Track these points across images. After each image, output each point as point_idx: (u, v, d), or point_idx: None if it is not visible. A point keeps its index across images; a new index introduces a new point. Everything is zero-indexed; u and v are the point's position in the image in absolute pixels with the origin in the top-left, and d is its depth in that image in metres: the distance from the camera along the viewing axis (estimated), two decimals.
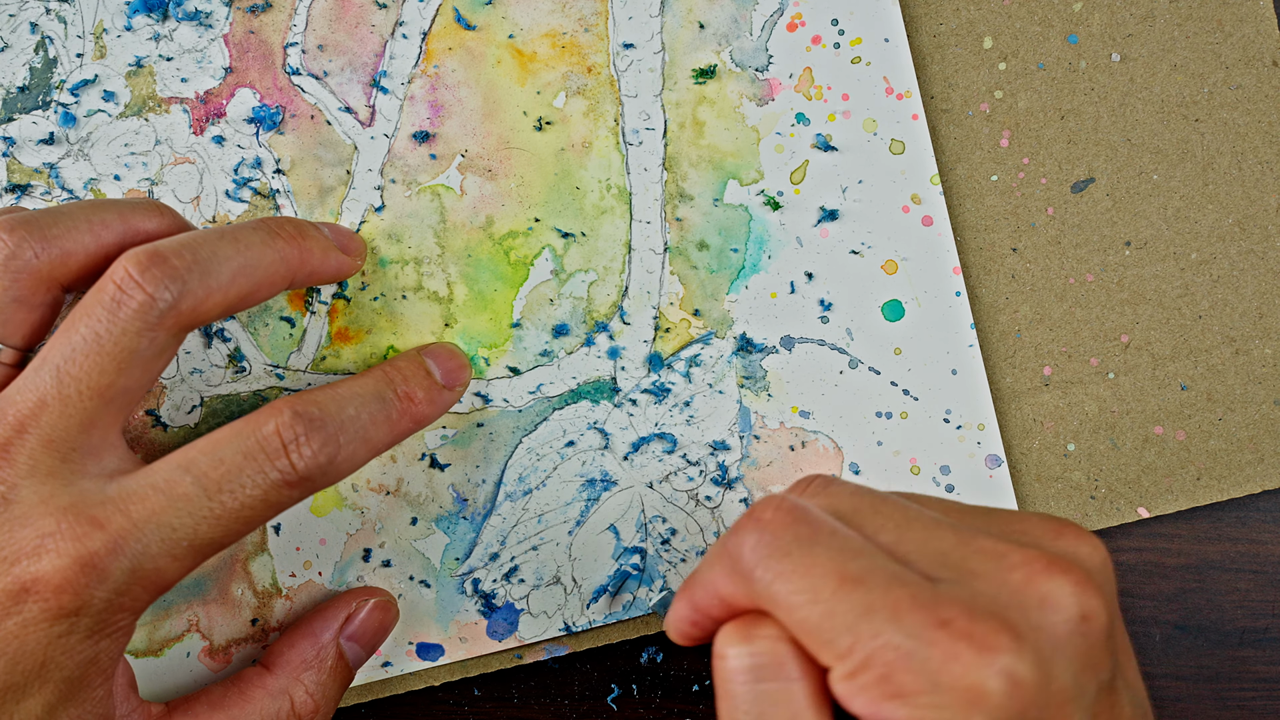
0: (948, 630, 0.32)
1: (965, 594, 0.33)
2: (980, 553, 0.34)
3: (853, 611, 0.33)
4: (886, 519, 0.36)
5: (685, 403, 0.50)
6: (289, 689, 0.46)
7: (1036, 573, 0.34)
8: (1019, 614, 0.33)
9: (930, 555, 0.35)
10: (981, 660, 0.31)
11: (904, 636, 0.32)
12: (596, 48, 0.50)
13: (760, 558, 0.35)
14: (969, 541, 0.35)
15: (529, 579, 0.50)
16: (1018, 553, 0.34)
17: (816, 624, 0.33)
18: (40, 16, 0.49)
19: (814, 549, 0.34)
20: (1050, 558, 0.34)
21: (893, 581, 0.33)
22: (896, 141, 0.50)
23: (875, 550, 0.34)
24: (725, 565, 0.36)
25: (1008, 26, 0.51)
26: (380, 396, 0.44)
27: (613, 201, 0.50)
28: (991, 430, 0.50)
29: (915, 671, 0.32)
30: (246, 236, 0.42)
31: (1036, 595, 0.33)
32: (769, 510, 0.36)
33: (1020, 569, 0.34)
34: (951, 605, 0.32)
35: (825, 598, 0.33)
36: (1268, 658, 0.51)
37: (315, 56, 0.50)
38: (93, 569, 0.38)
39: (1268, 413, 0.51)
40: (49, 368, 0.39)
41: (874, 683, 0.32)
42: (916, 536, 0.35)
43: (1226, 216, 0.51)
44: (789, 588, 0.34)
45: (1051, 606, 0.33)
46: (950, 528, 0.35)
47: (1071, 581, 0.33)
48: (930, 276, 0.50)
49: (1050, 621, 0.33)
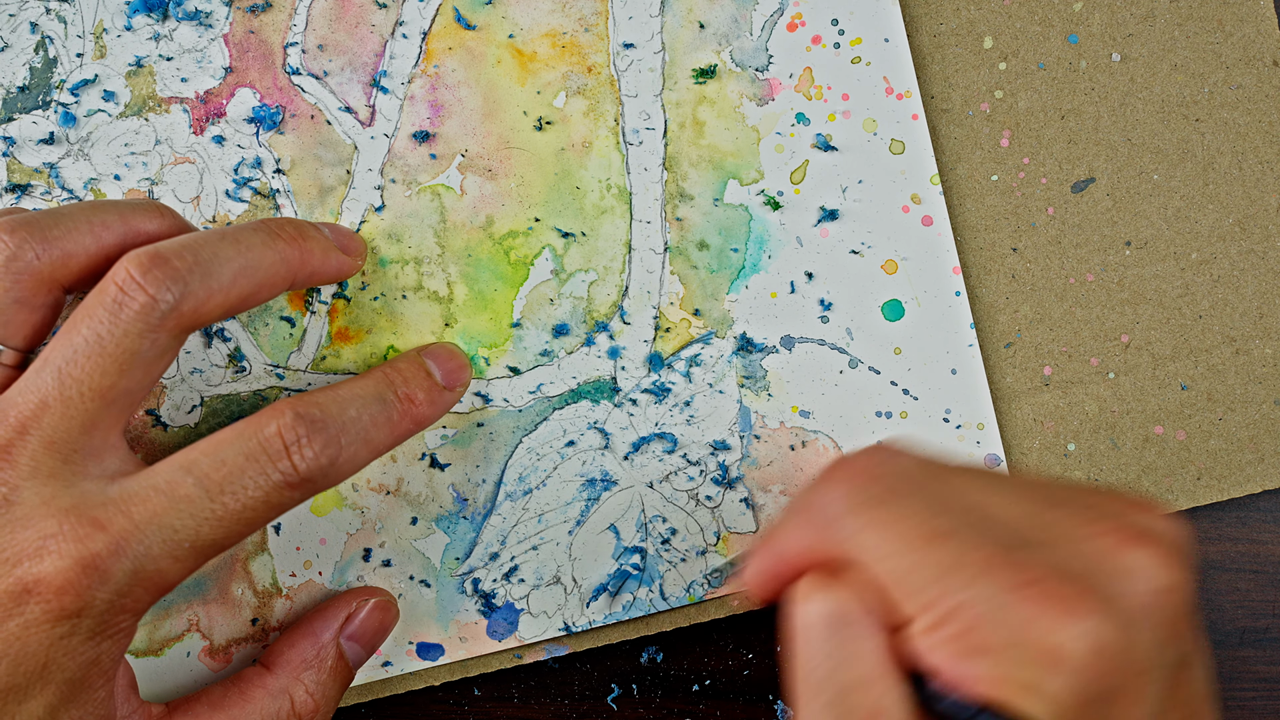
0: (1034, 590, 0.32)
1: (1051, 557, 0.33)
2: (1065, 519, 0.34)
3: (941, 564, 0.33)
4: (968, 483, 0.36)
5: (685, 402, 0.50)
6: (289, 689, 0.46)
7: (1122, 542, 0.34)
8: (1104, 580, 0.33)
9: (1014, 518, 0.35)
10: (1066, 622, 0.31)
11: (985, 595, 0.32)
12: (596, 47, 0.50)
13: (850, 506, 0.35)
14: (1053, 509, 0.35)
15: (529, 579, 0.50)
16: (1102, 521, 0.34)
17: (904, 574, 0.33)
18: (40, 16, 0.49)
19: (904, 500, 0.35)
20: (1136, 529, 0.34)
21: (982, 539, 0.33)
22: (896, 141, 0.50)
23: (961, 508, 0.35)
24: (810, 516, 0.36)
25: (1008, 26, 0.51)
26: (381, 398, 0.44)
27: (613, 201, 0.50)
28: (991, 430, 0.50)
29: (999, 627, 0.32)
30: (247, 238, 0.42)
31: (1122, 564, 0.33)
32: (846, 468, 0.36)
33: (1105, 537, 0.34)
34: (1039, 566, 0.33)
35: (909, 550, 0.33)
36: (1268, 657, 0.52)
37: (315, 56, 0.50)
38: (94, 570, 0.38)
39: (1268, 412, 0.51)
40: (50, 369, 0.39)
41: (956, 636, 0.32)
42: (999, 501, 0.35)
43: (1227, 216, 0.51)
44: (878, 537, 0.34)
45: (1136, 576, 0.33)
46: (1033, 495, 0.35)
47: (1157, 553, 0.33)
48: (930, 276, 0.50)
49: (1135, 590, 0.33)
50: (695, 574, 0.50)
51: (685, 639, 0.52)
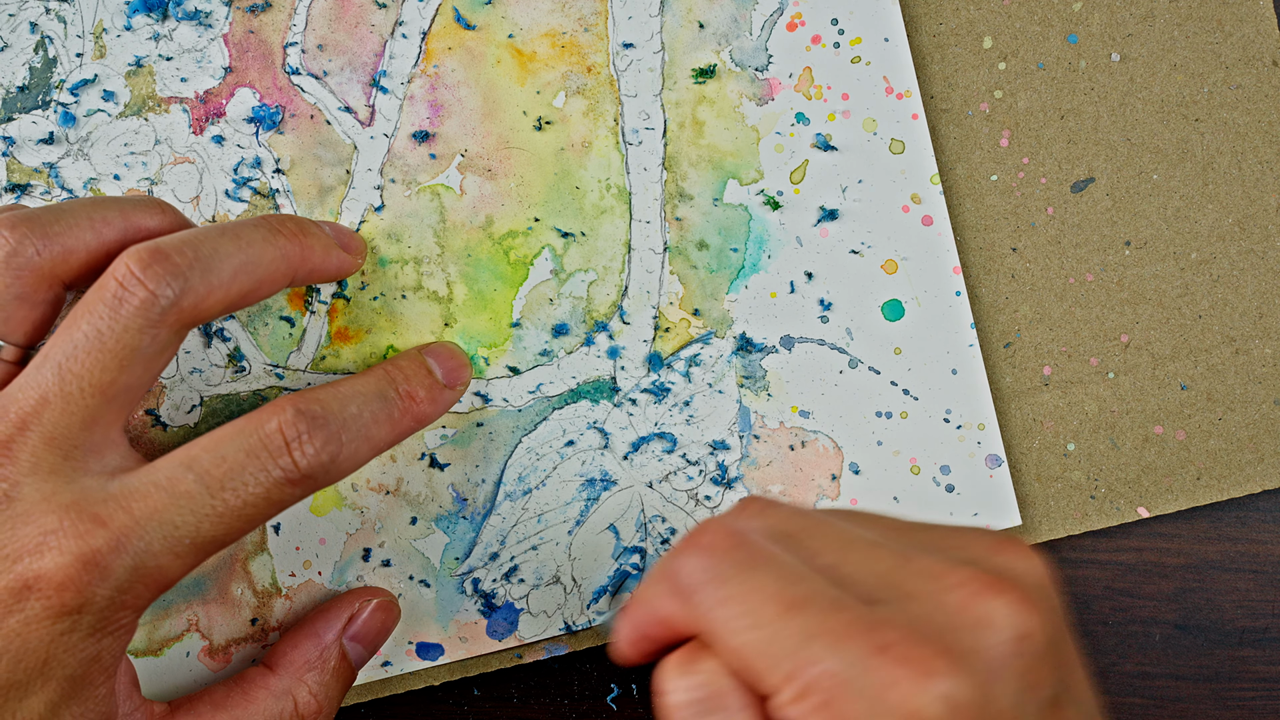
0: (887, 655, 0.32)
1: (904, 617, 0.33)
2: (919, 574, 0.34)
3: (794, 637, 0.33)
4: (826, 542, 0.36)
5: (685, 402, 0.50)
6: (292, 689, 0.46)
7: (974, 593, 0.33)
8: (957, 636, 0.33)
9: (870, 577, 0.34)
10: (921, 685, 0.31)
11: (844, 663, 0.32)
12: (596, 47, 0.50)
13: (701, 582, 0.35)
14: (908, 562, 0.35)
15: (529, 578, 0.50)
16: (955, 573, 0.34)
17: (757, 650, 0.33)
18: (40, 16, 0.49)
19: (755, 574, 0.34)
20: (988, 577, 0.34)
21: (833, 606, 0.33)
22: (896, 141, 0.50)
23: (815, 574, 0.34)
24: (666, 587, 0.36)
25: (1007, 26, 0.51)
26: (382, 395, 0.44)
27: (612, 201, 0.50)
28: (991, 430, 0.50)
29: (856, 698, 0.32)
30: (248, 234, 0.42)
31: (974, 616, 0.33)
32: (709, 534, 0.36)
33: (958, 589, 0.34)
34: (890, 629, 0.32)
35: (766, 623, 0.33)
36: (1267, 657, 0.52)
37: (315, 56, 0.50)
38: (95, 566, 0.38)
39: (1268, 412, 0.51)
40: (51, 365, 0.39)
41: (816, 709, 0.32)
42: (856, 558, 0.35)
43: (1226, 216, 0.51)
44: (730, 613, 0.34)
45: (989, 627, 0.33)
46: (889, 549, 0.35)
47: (1009, 601, 0.33)
48: (930, 276, 0.50)
49: (988, 643, 0.33)
50: None
51: None
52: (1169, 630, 0.52)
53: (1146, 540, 0.52)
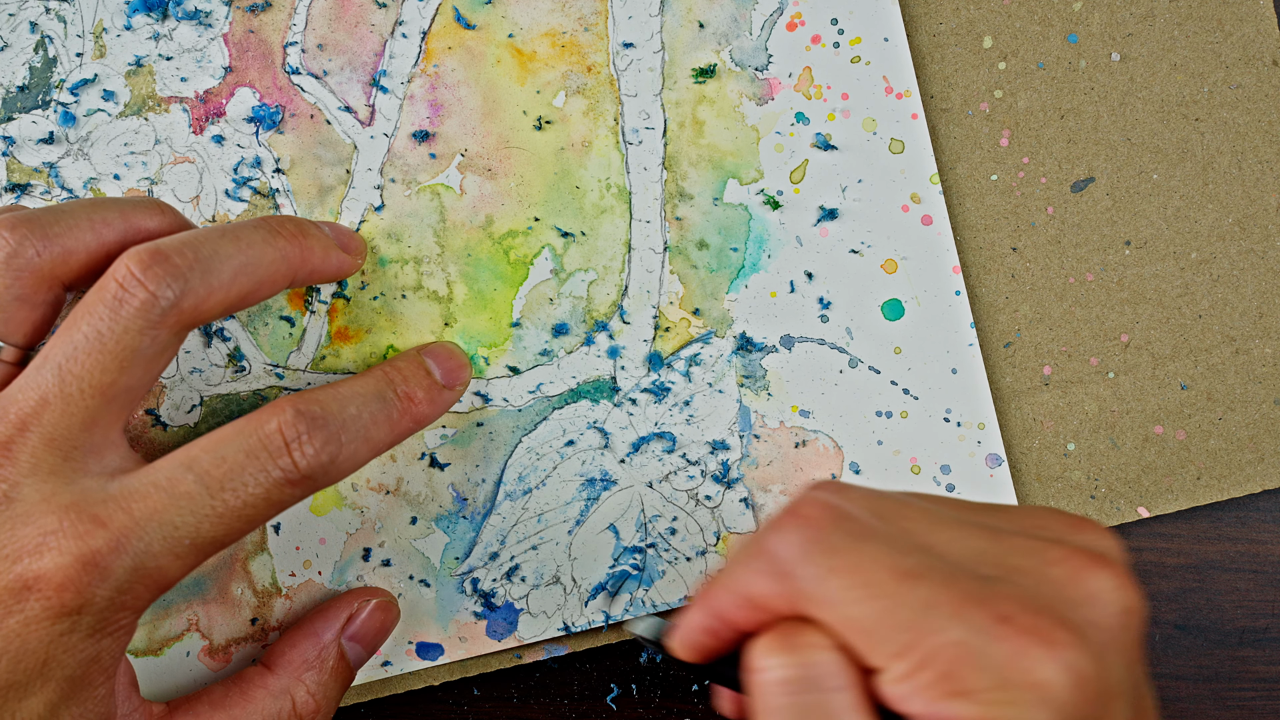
0: (1010, 626, 0.32)
1: (1016, 589, 0.33)
2: (1017, 550, 0.34)
3: (913, 607, 0.32)
4: (916, 520, 0.35)
5: (685, 402, 0.50)
6: (290, 689, 0.46)
7: (1078, 568, 0.33)
8: (1071, 609, 0.33)
9: (968, 554, 0.34)
10: (1047, 655, 0.31)
11: (968, 632, 0.32)
12: (596, 47, 0.50)
13: (807, 554, 0.34)
14: (1002, 539, 0.34)
15: (529, 578, 0.50)
16: (1053, 549, 0.34)
17: (871, 621, 0.33)
18: (40, 16, 0.49)
19: (865, 544, 0.34)
20: (1087, 554, 0.34)
21: (951, 577, 0.33)
22: (896, 141, 0.50)
23: (925, 546, 0.34)
24: (762, 564, 0.35)
25: (1007, 26, 0.51)
26: (381, 396, 0.44)
27: (612, 201, 0.50)
28: (991, 429, 0.50)
29: (980, 668, 0.31)
30: (248, 235, 0.42)
31: (1082, 591, 0.33)
32: (809, 506, 0.35)
33: (1061, 564, 0.34)
34: (1009, 601, 0.32)
35: (884, 594, 0.33)
36: (1267, 657, 0.52)
37: (315, 56, 0.50)
38: (95, 567, 0.38)
39: (1268, 412, 0.51)
40: (51, 366, 0.39)
41: (935, 681, 0.32)
42: (948, 536, 0.35)
43: (1226, 216, 0.51)
44: (840, 583, 0.33)
45: (1100, 602, 0.33)
46: (979, 526, 0.35)
47: (1113, 575, 0.33)
48: (930, 276, 0.50)
49: (1100, 617, 0.33)
50: (696, 574, 0.50)
51: None
52: (1169, 630, 0.52)
53: (1146, 540, 0.52)
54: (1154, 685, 0.52)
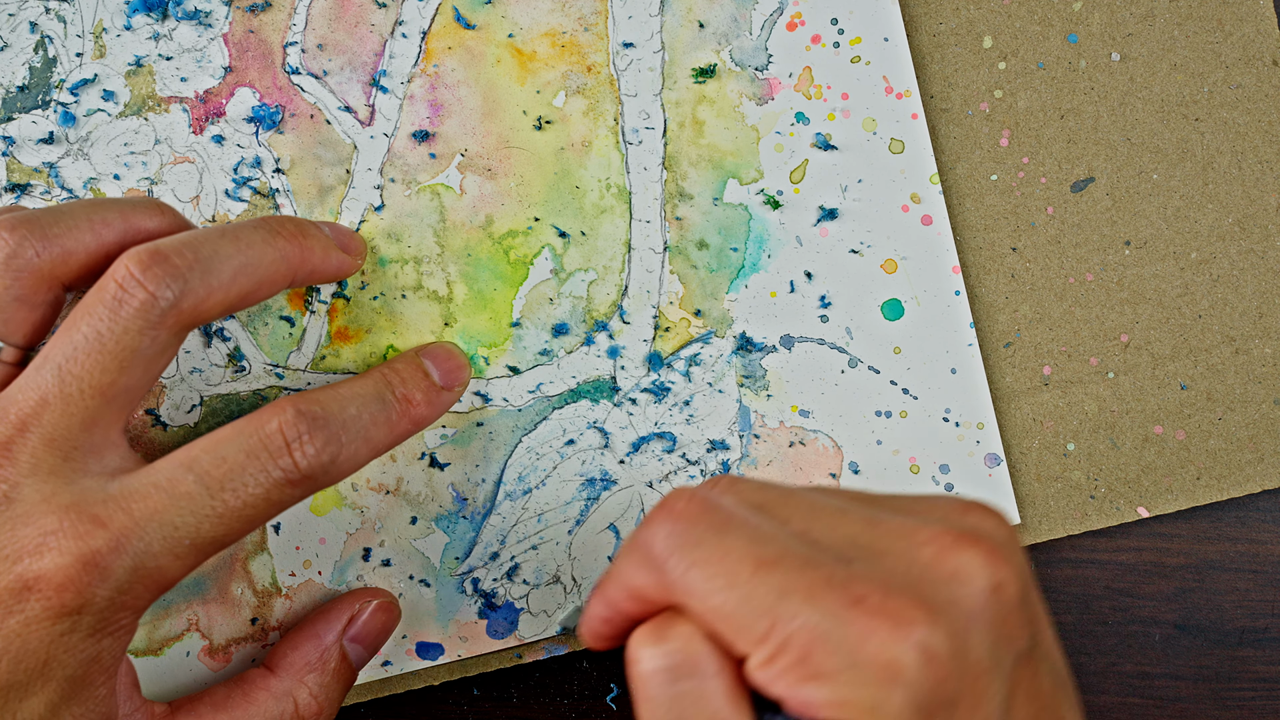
0: (862, 607, 0.32)
1: (878, 572, 0.33)
2: (889, 533, 0.35)
3: (769, 594, 0.33)
4: (794, 509, 0.36)
5: (685, 402, 0.50)
6: (293, 690, 0.46)
7: (946, 547, 0.34)
8: (931, 588, 0.33)
9: (840, 540, 0.35)
10: (897, 635, 0.32)
11: (820, 616, 0.32)
12: (596, 47, 0.50)
13: (674, 547, 0.35)
14: (878, 524, 0.35)
15: (529, 578, 0.50)
16: (925, 529, 0.34)
17: (732, 610, 0.33)
18: (40, 16, 0.49)
19: (727, 535, 0.34)
20: (958, 532, 0.34)
21: (807, 563, 0.33)
22: (896, 141, 0.50)
23: (787, 535, 0.35)
24: (637, 558, 0.36)
25: (1007, 26, 0.51)
26: (380, 397, 0.44)
27: (612, 201, 0.50)
28: (991, 429, 0.50)
29: (832, 651, 0.32)
30: (247, 235, 0.42)
31: (947, 569, 0.33)
32: (680, 501, 0.36)
33: (929, 545, 0.34)
34: (865, 583, 0.33)
35: (741, 582, 0.33)
36: (1267, 657, 0.52)
37: (315, 56, 0.50)
38: (95, 567, 0.38)
39: (1267, 412, 0.51)
40: (51, 366, 0.39)
41: (793, 665, 0.32)
42: (825, 523, 0.35)
43: (1226, 216, 0.51)
44: (703, 574, 0.34)
45: (963, 579, 0.33)
46: (857, 513, 0.36)
47: (981, 553, 0.34)
48: (930, 275, 0.50)
49: (963, 594, 0.33)
50: None
51: None
52: (1169, 630, 0.52)
53: (1146, 540, 0.52)
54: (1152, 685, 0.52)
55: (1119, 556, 0.52)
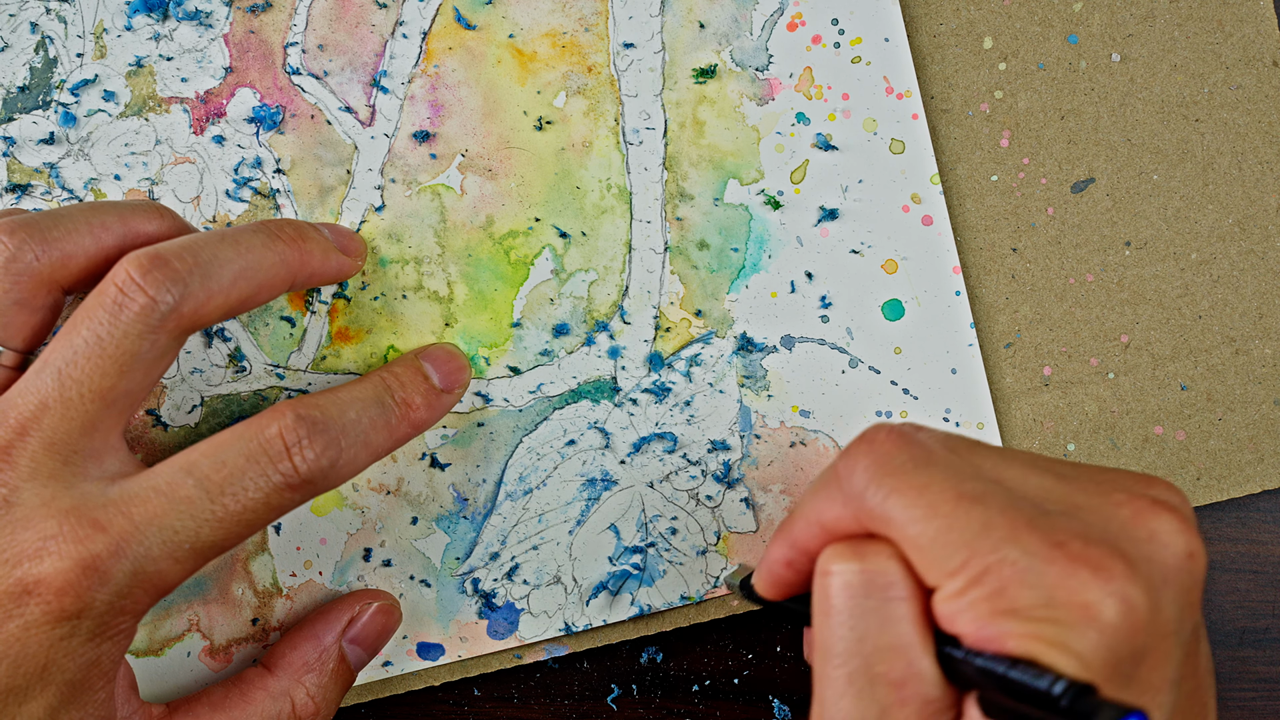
0: (1064, 551, 0.32)
1: (1077, 523, 0.33)
2: (1083, 490, 0.35)
3: (970, 528, 0.33)
4: (986, 455, 0.36)
5: (686, 402, 0.50)
6: (290, 691, 0.46)
7: (1142, 509, 0.34)
8: (1131, 545, 0.33)
9: (1035, 490, 0.35)
10: (1098, 581, 0.32)
11: (1020, 553, 0.32)
12: (597, 47, 0.50)
13: (874, 476, 0.35)
14: (1071, 480, 0.35)
15: (529, 578, 0.50)
16: (1119, 493, 0.35)
17: (931, 539, 0.34)
18: (40, 16, 0.49)
19: (930, 468, 0.35)
20: (1154, 498, 0.35)
21: (1009, 503, 0.34)
22: (896, 141, 0.50)
23: (991, 478, 0.35)
24: (833, 489, 0.36)
25: (1008, 26, 0.51)
26: (380, 401, 0.44)
27: (613, 201, 0.50)
28: (991, 429, 0.50)
29: (1031, 587, 0.32)
30: (247, 239, 0.42)
31: (1145, 530, 0.34)
32: (880, 433, 0.36)
33: (1127, 505, 0.34)
34: (1066, 531, 0.33)
35: (942, 514, 0.34)
36: (1267, 658, 0.52)
37: (315, 56, 0.50)
38: (94, 571, 0.38)
39: (1268, 413, 0.51)
40: (50, 370, 0.40)
41: (986, 598, 0.33)
42: (1018, 472, 0.36)
43: (1226, 216, 0.51)
44: (904, 502, 0.34)
45: (1160, 541, 0.34)
46: (1050, 469, 0.36)
47: (1177, 520, 0.34)
48: (930, 276, 0.50)
49: (1160, 555, 0.33)
50: (696, 574, 0.50)
51: (685, 639, 0.52)
52: None
53: None
54: None
55: None
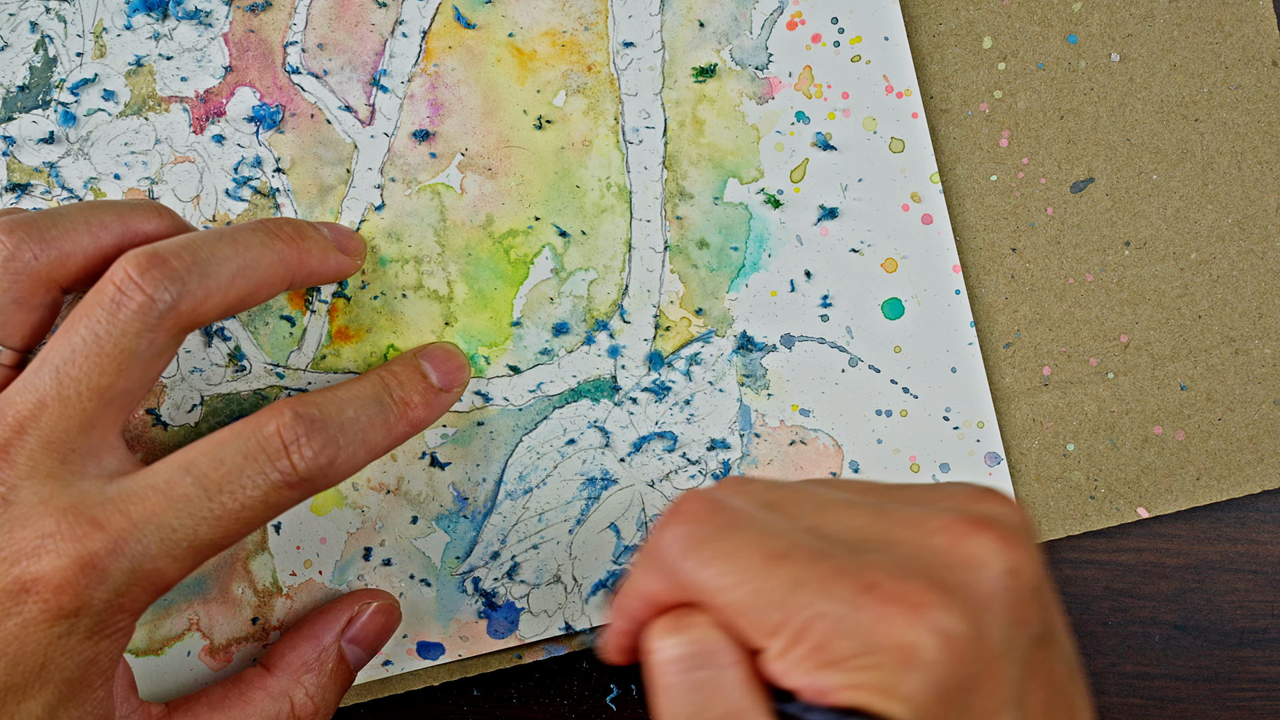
0: (876, 594, 0.32)
1: (889, 560, 0.33)
2: (900, 523, 0.35)
3: (781, 587, 0.33)
4: (804, 506, 0.36)
5: (686, 401, 0.50)
6: (289, 691, 0.46)
7: (959, 534, 0.34)
8: (945, 573, 0.33)
9: (851, 531, 0.35)
10: (912, 618, 0.32)
11: (833, 604, 0.32)
12: (596, 46, 0.50)
13: (685, 548, 0.35)
14: (889, 514, 0.35)
15: (529, 578, 0.50)
16: (937, 518, 0.34)
17: (746, 604, 0.33)
18: (40, 15, 0.49)
19: (736, 532, 0.35)
20: (971, 519, 0.34)
21: (818, 555, 0.33)
22: (896, 140, 0.50)
23: (797, 529, 0.35)
24: (650, 563, 0.36)
25: (1007, 26, 0.51)
26: (378, 400, 0.44)
27: (613, 200, 0.50)
28: (991, 428, 0.50)
29: (847, 637, 0.32)
30: (245, 238, 0.42)
31: (961, 555, 0.33)
32: (688, 503, 0.36)
33: (942, 532, 0.34)
34: (877, 570, 0.33)
35: (752, 577, 0.33)
36: (1267, 658, 0.52)
37: (315, 55, 0.50)
38: (92, 569, 0.38)
39: (1267, 413, 0.51)
40: (48, 369, 0.40)
41: (808, 654, 0.32)
42: (834, 516, 0.35)
43: (1226, 216, 0.51)
44: (715, 571, 0.34)
45: (977, 564, 0.33)
46: (868, 506, 0.36)
47: (995, 538, 0.34)
48: (930, 274, 0.50)
49: (977, 578, 0.33)
50: None
51: None
52: (1168, 631, 0.52)
53: (1146, 541, 0.52)
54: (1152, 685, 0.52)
55: (1119, 557, 0.52)
